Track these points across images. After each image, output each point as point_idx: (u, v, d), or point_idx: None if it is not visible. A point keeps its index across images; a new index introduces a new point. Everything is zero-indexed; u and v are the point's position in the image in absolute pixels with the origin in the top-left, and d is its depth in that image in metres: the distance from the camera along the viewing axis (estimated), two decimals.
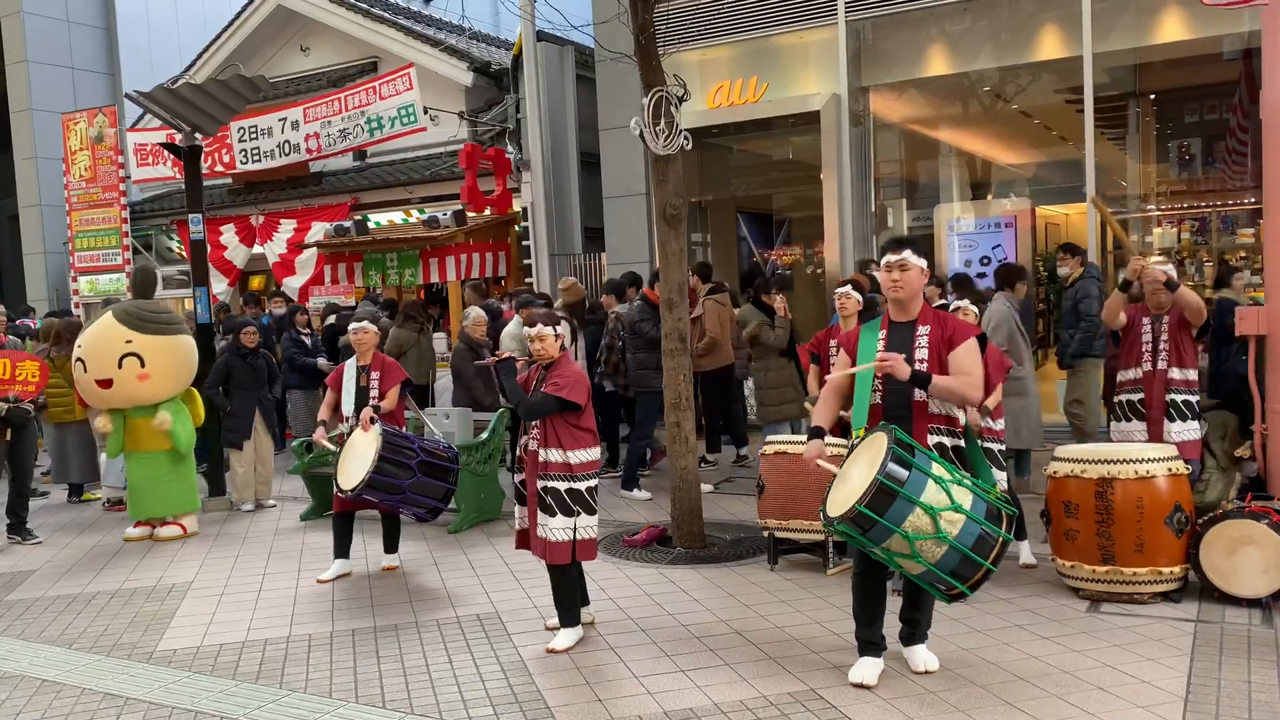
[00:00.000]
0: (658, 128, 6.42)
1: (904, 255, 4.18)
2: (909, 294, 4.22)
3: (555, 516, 4.74)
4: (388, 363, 6.49)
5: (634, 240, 11.68)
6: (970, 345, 4.14)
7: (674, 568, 6.15)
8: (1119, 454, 5.07)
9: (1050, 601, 5.17)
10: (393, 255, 12.79)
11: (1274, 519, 4.87)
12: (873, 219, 11.02)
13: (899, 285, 4.21)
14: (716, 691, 4.22)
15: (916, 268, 4.19)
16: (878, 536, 3.82)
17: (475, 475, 7.53)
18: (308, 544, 7.23)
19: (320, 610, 5.65)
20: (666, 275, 6.72)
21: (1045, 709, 3.90)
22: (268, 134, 14.07)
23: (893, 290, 4.24)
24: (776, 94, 11.02)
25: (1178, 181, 11.53)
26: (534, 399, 4.78)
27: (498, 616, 5.35)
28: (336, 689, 4.47)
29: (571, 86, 12.97)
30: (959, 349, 4.12)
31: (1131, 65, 10.46)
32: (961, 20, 10.37)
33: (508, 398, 4.90)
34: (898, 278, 4.20)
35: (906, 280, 4.20)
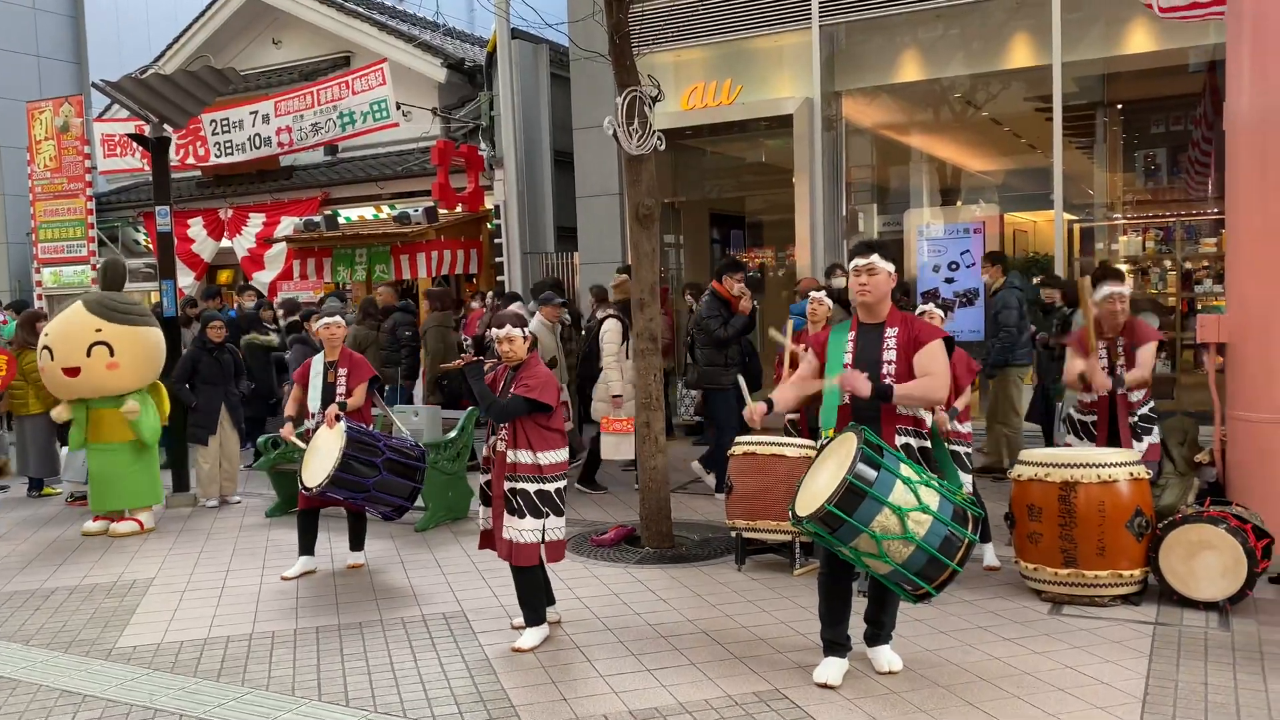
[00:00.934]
0: (631, 128, 6.43)
1: (872, 259, 4.21)
2: (876, 298, 4.25)
3: (525, 518, 4.72)
4: (355, 359, 6.45)
5: (607, 240, 11.68)
6: (935, 347, 4.18)
7: (641, 567, 6.16)
8: (1082, 458, 5.13)
9: (1013, 603, 5.22)
10: (362, 251, 12.71)
11: (1232, 523, 4.96)
12: (844, 223, 11.08)
13: (867, 289, 4.24)
14: (682, 691, 4.22)
15: (884, 271, 4.22)
16: (846, 536, 3.85)
17: (443, 474, 7.49)
18: (272, 541, 7.17)
19: (284, 608, 5.60)
20: (638, 275, 6.73)
21: (1006, 709, 3.94)
22: (239, 127, 13.95)
23: (861, 294, 4.27)
24: (750, 97, 11.05)
25: (1143, 191, 11.70)
26: (504, 401, 4.75)
27: (464, 615, 5.33)
28: (299, 687, 4.43)
29: (546, 85, 12.95)
30: (924, 350, 4.16)
31: (1100, 75, 10.59)
32: (934, 27, 10.46)
33: (476, 400, 4.88)
34: (865, 281, 4.23)
35: (874, 284, 4.23)
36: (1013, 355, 8.15)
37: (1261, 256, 5.74)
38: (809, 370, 4.43)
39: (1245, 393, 5.84)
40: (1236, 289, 5.95)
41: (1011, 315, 8.13)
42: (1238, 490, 5.82)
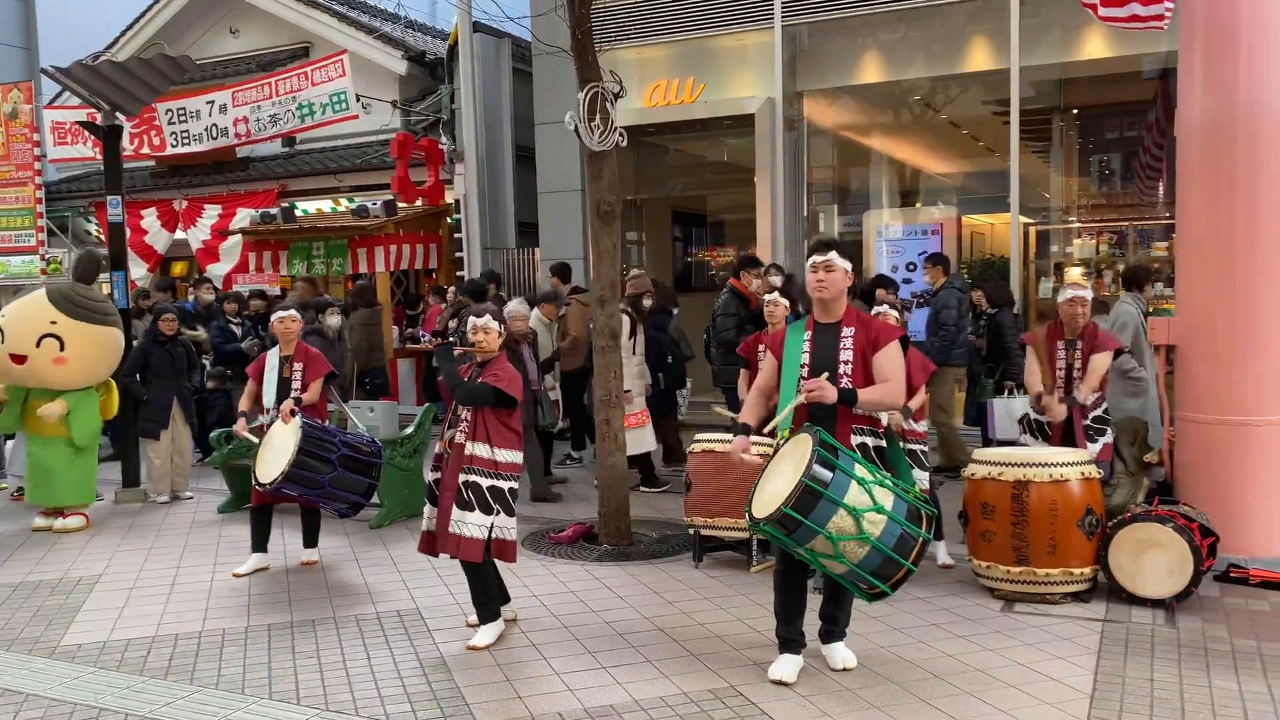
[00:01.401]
0: (593, 123, 6.41)
1: (830, 256, 4.23)
2: (833, 294, 4.27)
3: (473, 512, 4.68)
4: (311, 354, 6.37)
5: (568, 236, 11.65)
6: (893, 349, 4.21)
7: (599, 565, 6.14)
8: (1035, 458, 5.20)
9: (966, 601, 5.28)
10: (320, 244, 12.55)
11: (1179, 522, 5.05)
12: (805, 223, 11.14)
13: (824, 286, 4.25)
14: (637, 688, 4.22)
15: (841, 269, 4.24)
16: (803, 537, 3.86)
17: (400, 470, 7.42)
18: (224, 537, 7.06)
19: (235, 605, 5.52)
20: (599, 272, 6.71)
21: (958, 706, 3.98)
22: (195, 116, 13.71)
23: (818, 291, 4.28)
24: (713, 95, 11.07)
25: (1098, 195, 11.89)
26: (474, 385, 4.73)
27: (418, 613, 5.28)
28: (250, 685, 4.37)
29: (508, 79, 12.88)
30: (882, 353, 4.19)
31: (1057, 80, 10.74)
32: (895, 29, 10.54)
33: (445, 380, 4.85)
34: (823, 278, 4.25)
35: (832, 281, 4.25)
36: (949, 355, 8.29)
37: (1209, 261, 5.85)
38: (769, 373, 4.42)
39: (1193, 394, 5.95)
40: (1185, 293, 6.06)
41: (950, 315, 8.25)
42: (1185, 490, 5.93)
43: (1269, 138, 5.68)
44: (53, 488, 7.36)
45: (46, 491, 7.37)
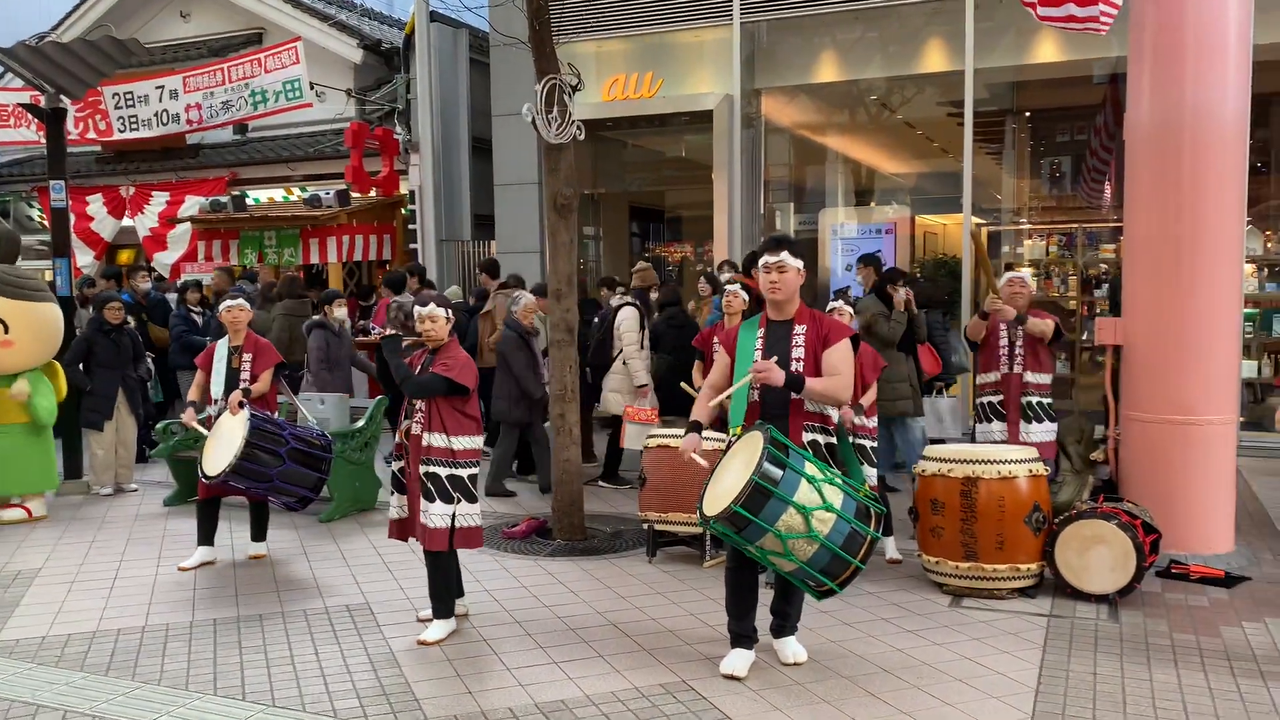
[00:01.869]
0: (550, 116, 6.37)
1: (782, 257, 4.21)
2: (787, 295, 4.27)
3: (435, 502, 4.65)
4: (261, 344, 6.27)
5: (524, 229, 11.59)
6: (843, 346, 4.23)
7: (552, 560, 6.12)
8: (983, 454, 5.27)
9: (915, 596, 5.34)
10: (271, 234, 12.37)
11: (1123, 519, 5.14)
12: (761, 220, 11.19)
13: (777, 287, 4.25)
14: (589, 683, 4.21)
15: (794, 269, 4.24)
16: (752, 535, 3.87)
17: (351, 464, 7.34)
18: (170, 530, 6.93)
19: (180, 599, 5.41)
20: (555, 266, 6.68)
21: (906, 699, 4.02)
22: (144, 101, 13.42)
23: (771, 292, 4.27)
24: (671, 91, 11.07)
25: (1048, 198, 12.08)
26: (423, 377, 4.69)
27: (368, 607, 5.22)
28: (194, 681, 4.29)
29: (465, 70, 12.77)
30: (833, 349, 4.21)
31: (1010, 83, 10.89)
32: (852, 29, 10.62)
33: (392, 374, 4.80)
34: (776, 279, 4.24)
35: (784, 281, 4.24)
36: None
37: (1155, 263, 5.96)
38: (722, 369, 4.43)
39: (1138, 393, 6.06)
40: (1132, 294, 6.17)
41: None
42: (1130, 487, 6.04)
43: (1213, 143, 5.80)
44: (12, 475, 7.20)
45: (6, 480, 7.19)
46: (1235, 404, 6.07)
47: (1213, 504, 5.91)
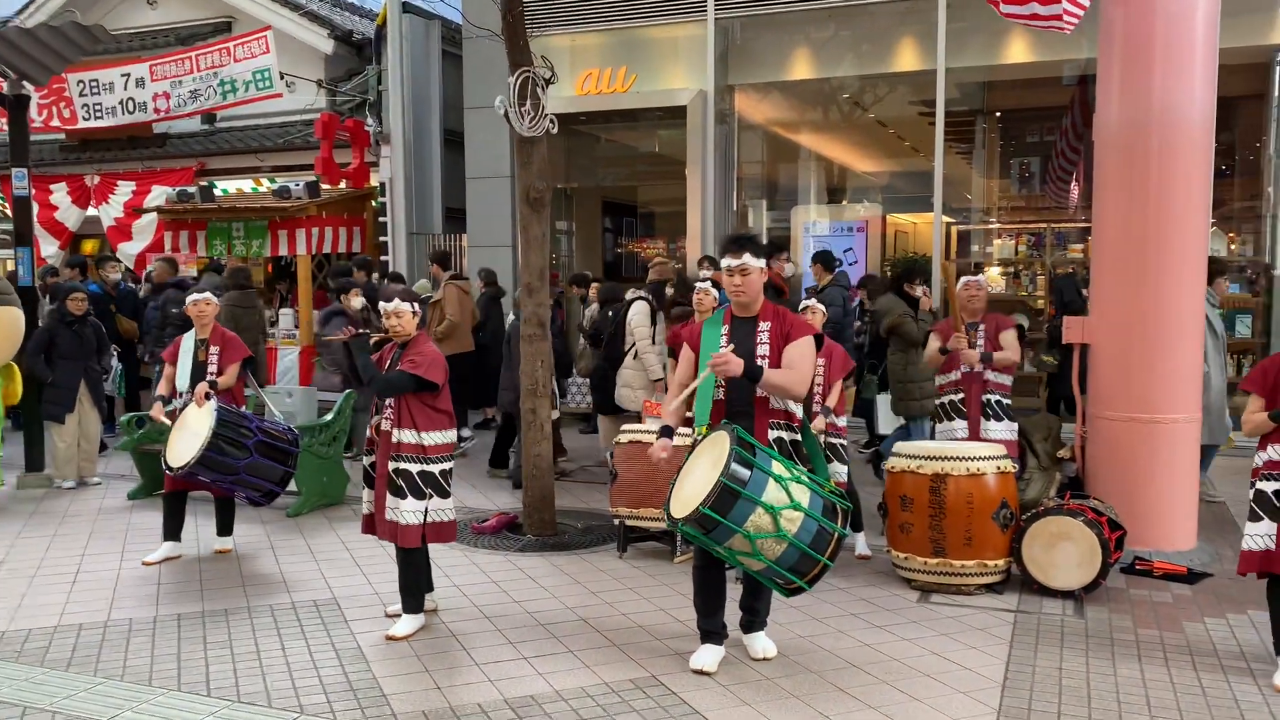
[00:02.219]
0: (523, 109, 6.33)
1: (744, 259, 4.19)
2: (751, 296, 4.26)
3: (406, 499, 4.62)
4: (228, 337, 6.19)
5: (496, 223, 11.53)
6: (804, 343, 4.22)
7: (523, 555, 6.10)
8: (953, 452, 5.31)
9: (884, 592, 5.37)
10: (239, 225, 12.20)
11: (1089, 516, 5.20)
12: (734, 217, 11.21)
13: (741, 290, 4.23)
14: (558, 679, 4.19)
15: (756, 269, 4.22)
16: (721, 536, 3.87)
17: (319, 458, 7.27)
18: (134, 524, 6.83)
19: (144, 594, 5.34)
20: (527, 260, 6.65)
21: (874, 694, 4.04)
22: (109, 89, 13.21)
23: (736, 295, 4.27)
24: (645, 86, 11.06)
25: (1017, 197, 12.20)
26: (390, 375, 4.64)
27: (336, 603, 5.18)
28: (157, 676, 4.23)
29: (437, 62, 12.68)
30: (793, 345, 4.20)
31: (981, 83, 10.98)
32: (826, 27, 10.65)
33: (360, 374, 4.75)
34: (740, 283, 4.22)
35: (748, 284, 4.22)
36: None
37: (1122, 263, 6.03)
38: (687, 366, 4.41)
39: (1104, 392, 6.13)
40: (1100, 293, 6.24)
41: (835, 313, 8.36)
42: (1096, 484, 6.11)
43: (1180, 145, 5.87)
44: None
45: None
46: (1199, 403, 6.16)
47: (1176, 501, 5.99)
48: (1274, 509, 4.13)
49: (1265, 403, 4.22)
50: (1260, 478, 4.20)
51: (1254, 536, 4.19)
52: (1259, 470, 4.21)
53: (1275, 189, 9.84)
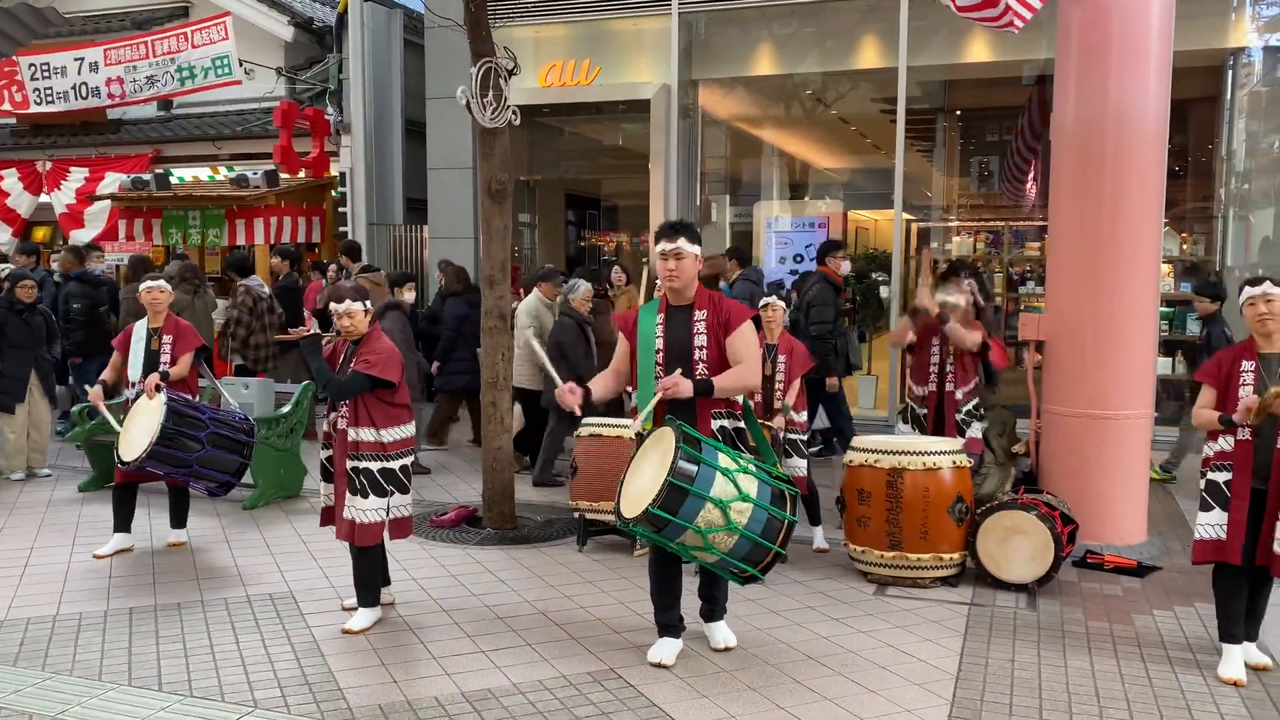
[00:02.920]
0: (485, 100, 6.29)
1: (679, 244, 4.16)
2: (685, 282, 4.22)
3: (368, 498, 4.57)
4: (182, 326, 6.09)
5: (458, 214, 11.46)
6: (746, 330, 4.20)
7: (482, 548, 6.07)
8: (909, 446, 5.37)
9: (841, 585, 5.41)
10: (195, 214, 12.02)
11: (1042, 510, 5.27)
12: (698, 211, 11.22)
13: (675, 275, 4.20)
14: (516, 672, 4.19)
15: (691, 255, 4.19)
16: (672, 534, 3.90)
17: (276, 450, 7.19)
18: (85, 517, 6.71)
19: (95, 588, 5.25)
20: (489, 252, 6.61)
21: (830, 686, 4.08)
22: (61, 73, 12.95)
23: (669, 280, 4.22)
24: (609, 79, 11.03)
25: (977, 196, 12.33)
26: (344, 379, 4.58)
27: (291, 596, 5.12)
28: (107, 671, 4.16)
29: (399, 51, 12.56)
30: (736, 335, 4.17)
31: (942, 82, 11.07)
32: (789, 23, 10.69)
33: (314, 376, 4.68)
34: (674, 267, 4.18)
35: (682, 269, 4.19)
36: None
37: (1077, 261, 6.12)
38: (623, 355, 4.39)
39: (1058, 388, 6.22)
40: (1055, 291, 6.33)
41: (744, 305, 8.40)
42: (1049, 479, 6.20)
43: (1134, 145, 5.97)
44: None
45: None
46: (1150, 400, 6.27)
47: (1127, 496, 6.10)
48: (1224, 499, 4.21)
49: (1217, 394, 4.30)
50: (1211, 468, 4.28)
51: (1206, 526, 4.27)
52: (1209, 460, 4.30)
53: (1227, 190, 10.05)
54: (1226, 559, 4.21)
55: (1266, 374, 4.17)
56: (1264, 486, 4.15)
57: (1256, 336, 4.25)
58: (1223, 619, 4.31)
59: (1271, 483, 4.13)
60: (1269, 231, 9.95)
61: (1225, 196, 10.03)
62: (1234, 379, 4.24)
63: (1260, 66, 9.86)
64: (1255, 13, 9.79)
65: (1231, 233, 10.00)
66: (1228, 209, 10.00)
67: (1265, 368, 4.19)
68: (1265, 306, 4.17)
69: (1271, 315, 4.16)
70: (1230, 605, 4.27)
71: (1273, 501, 4.13)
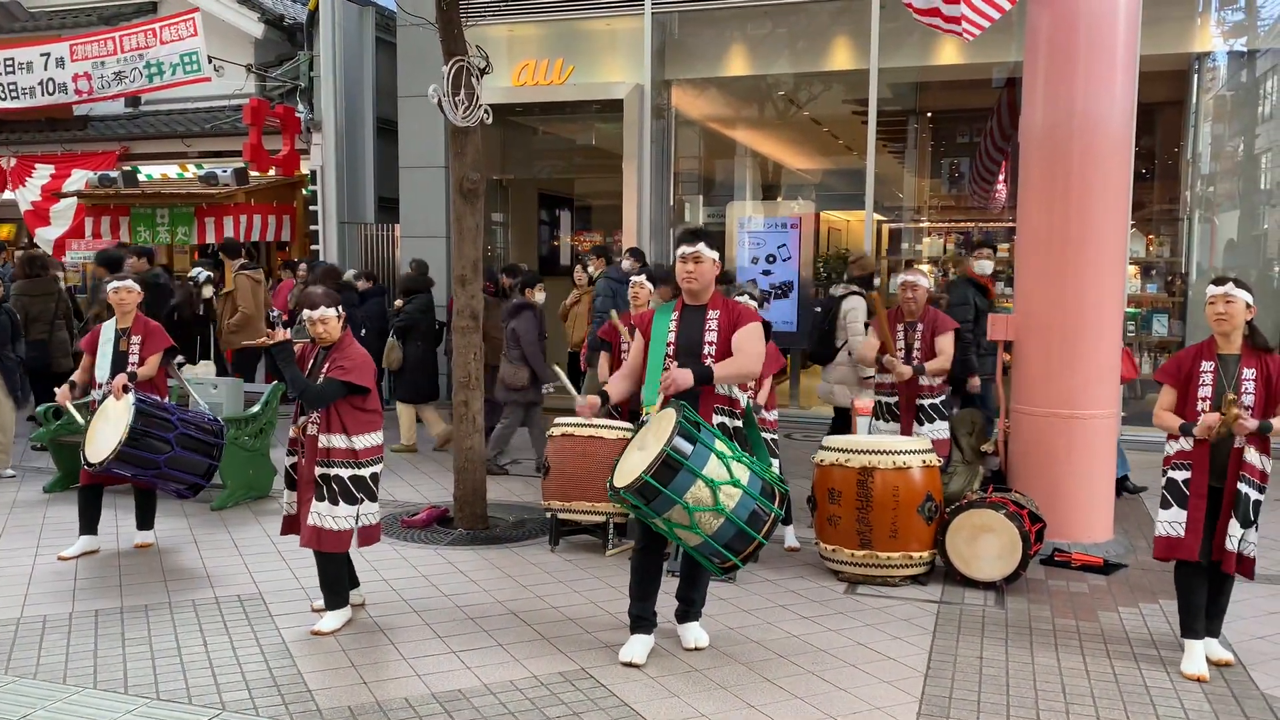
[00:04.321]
0: (457, 98, 6.27)
1: (698, 248, 4.34)
2: (703, 285, 4.38)
3: (338, 505, 4.53)
4: (151, 326, 6.02)
5: (430, 213, 11.41)
6: (752, 328, 4.34)
7: (453, 549, 6.05)
8: (880, 445, 5.41)
9: (812, 583, 5.44)
10: (164, 211, 11.90)
11: (1011, 509, 5.33)
12: (670, 211, 11.24)
13: (693, 277, 4.35)
14: (487, 672, 4.18)
15: (709, 259, 4.36)
16: (661, 507, 3.93)
17: (245, 450, 7.13)
18: (50, 519, 6.62)
19: (60, 590, 5.19)
20: (461, 251, 6.59)
21: (801, 685, 4.10)
22: (27, 69, 12.75)
23: (687, 281, 4.38)
24: (582, 78, 11.03)
25: (947, 197, 12.44)
26: (318, 386, 4.54)
27: (260, 597, 5.08)
28: (72, 674, 4.11)
29: (370, 49, 12.48)
30: (741, 330, 4.32)
31: (913, 84, 11.15)
32: (762, 24, 10.73)
33: (286, 384, 4.63)
34: (692, 269, 4.35)
35: (700, 272, 4.35)
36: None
37: (1045, 262, 6.18)
38: (638, 353, 4.49)
39: (1026, 387, 6.29)
40: (1023, 291, 6.39)
41: (607, 304, 8.39)
42: (1017, 478, 6.26)
43: (1100, 148, 6.04)
44: None
45: None
46: (1117, 399, 6.35)
47: (1094, 495, 6.17)
48: (1183, 497, 4.28)
49: (1177, 395, 4.36)
50: (1172, 466, 4.35)
51: (1165, 523, 4.34)
52: (1170, 459, 4.36)
53: (1192, 192, 10.19)
54: (1184, 556, 4.28)
55: (1225, 375, 4.24)
56: (1218, 484, 4.23)
57: (1216, 336, 4.32)
58: (1184, 614, 4.38)
59: (1226, 482, 4.21)
60: (1233, 234, 10.11)
61: (1191, 199, 10.17)
62: (1194, 379, 4.31)
63: (1225, 71, 10.02)
64: (1220, 18, 9.95)
65: (1197, 234, 10.15)
66: (1193, 211, 10.14)
67: (1223, 368, 4.26)
68: (1225, 307, 4.24)
69: (1228, 316, 4.24)
70: (1191, 601, 4.34)
71: (1226, 500, 4.21)
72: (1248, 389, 4.20)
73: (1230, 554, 4.19)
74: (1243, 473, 4.19)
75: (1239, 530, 4.19)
